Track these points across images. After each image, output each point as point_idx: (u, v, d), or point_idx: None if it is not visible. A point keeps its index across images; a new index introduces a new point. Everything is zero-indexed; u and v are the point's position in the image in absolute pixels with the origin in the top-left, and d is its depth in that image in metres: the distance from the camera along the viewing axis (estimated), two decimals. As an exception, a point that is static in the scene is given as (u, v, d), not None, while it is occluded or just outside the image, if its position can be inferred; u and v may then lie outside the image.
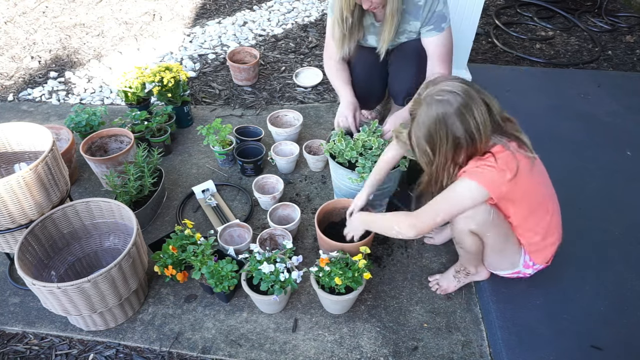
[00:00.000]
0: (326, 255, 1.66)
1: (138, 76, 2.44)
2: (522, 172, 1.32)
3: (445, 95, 1.28)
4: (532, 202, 1.45)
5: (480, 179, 1.33)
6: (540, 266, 1.60)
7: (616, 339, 1.55)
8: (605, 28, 3.60)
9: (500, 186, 1.33)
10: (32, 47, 3.40)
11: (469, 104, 1.27)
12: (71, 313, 1.55)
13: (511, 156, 1.31)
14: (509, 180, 1.31)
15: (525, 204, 1.44)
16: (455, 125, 1.27)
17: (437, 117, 1.28)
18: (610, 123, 2.52)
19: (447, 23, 1.90)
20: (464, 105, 1.26)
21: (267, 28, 3.59)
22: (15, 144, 1.81)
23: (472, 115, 1.27)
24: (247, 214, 2.12)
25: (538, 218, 1.49)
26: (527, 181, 1.37)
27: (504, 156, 1.32)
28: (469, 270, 1.71)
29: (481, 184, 1.33)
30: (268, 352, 1.62)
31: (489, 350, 1.63)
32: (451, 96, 1.27)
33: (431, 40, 1.92)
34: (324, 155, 2.22)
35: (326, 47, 2.13)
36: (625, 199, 2.06)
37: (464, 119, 1.27)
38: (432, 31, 1.90)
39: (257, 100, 2.85)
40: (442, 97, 1.28)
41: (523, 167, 1.33)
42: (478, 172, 1.33)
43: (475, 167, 1.34)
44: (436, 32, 1.90)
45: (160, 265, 1.72)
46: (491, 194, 1.35)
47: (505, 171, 1.31)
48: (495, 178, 1.32)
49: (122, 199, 1.95)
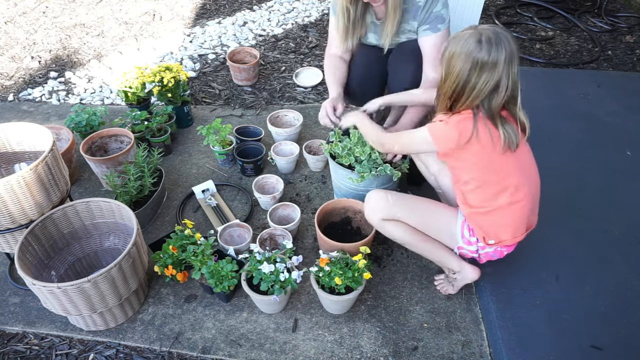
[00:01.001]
0: (326, 255, 1.66)
1: (138, 76, 2.44)
2: (480, 141, 1.39)
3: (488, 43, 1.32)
4: (487, 174, 1.47)
5: (432, 131, 1.46)
6: (487, 248, 1.56)
7: (616, 339, 1.55)
8: (605, 28, 3.60)
9: (446, 142, 1.44)
10: (32, 47, 3.40)
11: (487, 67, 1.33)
12: (71, 313, 1.55)
13: (469, 121, 1.39)
14: (456, 140, 1.40)
15: (477, 173, 1.48)
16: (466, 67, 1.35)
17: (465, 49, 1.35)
18: (610, 123, 2.52)
19: (445, 25, 1.90)
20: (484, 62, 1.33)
21: (267, 28, 3.59)
22: (15, 144, 1.81)
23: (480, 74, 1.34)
24: (247, 214, 2.12)
25: (490, 193, 1.49)
26: (485, 152, 1.41)
27: (462, 118, 1.40)
28: (451, 267, 1.70)
29: (429, 132, 1.46)
30: (268, 352, 1.62)
31: (489, 350, 1.63)
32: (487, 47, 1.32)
33: (425, 40, 1.92)
34: (324, 155, 2.22)
35: (329, 43, 2.15)
36: (625, 199, 2.06)
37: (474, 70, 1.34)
38: (427, 31, 1.90)
39: (257, 100, 2.85)
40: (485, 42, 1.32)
41: (482, 136, 1.38)
42: (432, 124, 1.48)
43: (435, 119, 1.48)
44: (431, 32, 1.89)
45: (160, 265, 1.72)
46: (436, 145, 1.46)
47: (453, 129, 1.41)
48: (442, 134, 1.44)
49: (122, 199, 1.95)
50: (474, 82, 1.35)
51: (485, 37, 1.32)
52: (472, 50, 1.33)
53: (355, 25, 1.94)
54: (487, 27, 1.36)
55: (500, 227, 1.53)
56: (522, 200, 1.49)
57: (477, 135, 1.38)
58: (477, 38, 1.33)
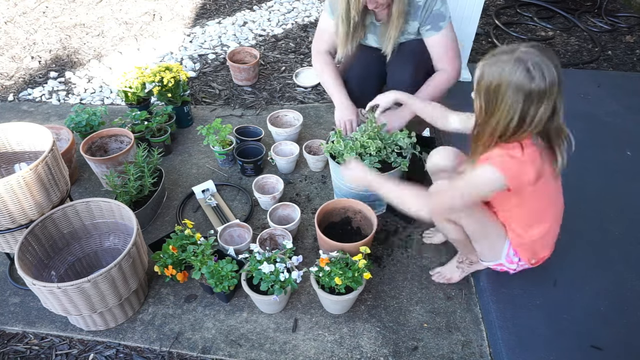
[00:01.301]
0: (326, 255, 1.66)
1: (138, 76, 2.44)
2: (546, 172, 1.30)
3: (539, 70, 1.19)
4: (538, 203, 1.44)
5: (502, 166, 1.28)
6: (525, 265, 1.58)
7: (616, 339, 1.55)
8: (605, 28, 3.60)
9: (520, 177, 1.29)
10: (32, 47, 3.40)
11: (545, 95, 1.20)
12: (71, 313, 1.55)
13: (537, 153, 1.27)
14: (532, 175, 1.28)
15: (531, 203, 1.42)
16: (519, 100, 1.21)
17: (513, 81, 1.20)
18: (610, 123, 2.52)
19: (446, 22, 1.90)
20: (542, 92, 1.20)
21: (267, 28, 3.59)
22: (15, 144, 1.81)
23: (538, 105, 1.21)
24: (247, 214, 2.12)
25: (536, 220, 1.48)
26: (547, 181, 1.35)
27: (530, 151, 1.27)
28: (472, 259, 1.72)
29: (502, 172, 1.28)
30: (268, 352, 1.62)
31: (489, 350, 1.63)
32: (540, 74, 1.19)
33: (430, 41, 1.93)
34: (324, 155, 2.22)
35: (316, 40, 2.13)
36: (625, 199, 2.06)
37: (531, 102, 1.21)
38: (431, 31, 1.90)
39: (257, 100, 2.85)
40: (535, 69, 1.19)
41: (547, 167, 1.30)
42: (500, 161, 1.28)
43: (499, 155, 1.29)
44: (434, 31, 1.90)
45: (160, 265, 1.72)
46: (509, 183, 1.29)
47: (528, 164, 1.27)
48: (516, 168, 1.27)
49: (122, 199, 1.95)
50: (533, 114, 1.22)
51: (533, 64, 1.18)
52: (523, 82, 1.18)
53: (357, 29, 1.93)
54: (527, 50, 1.21)
55: (545, 248, 1.56)
56: (559, 217, 1.52)
57: (544, 166, 1.29)
58: (525, 67, 1.18)
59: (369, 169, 1.61)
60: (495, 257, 1.58)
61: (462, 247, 1.67)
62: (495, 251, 1.56)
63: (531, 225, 1.48)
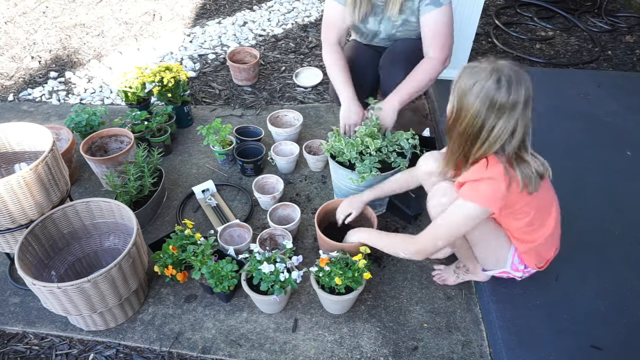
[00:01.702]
0: (326, 255, 1.66)
1: (138, 76, 2.44)
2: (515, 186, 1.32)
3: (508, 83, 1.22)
4: (532, 210, 1.43)
5: (479, 199, 1.32)
6: (532, 270, 1.59)
7: (616, 339, 1.55)
8: (605, 28, 3.60)
9: (498, 200, 1.32)
10: (32, 47, 3.40)
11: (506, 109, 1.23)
12: (71, 313, 1.55)
13: (502, 168, 1.30)
14: (504, 191, 1.30)
15: (525, 212, 1.42)
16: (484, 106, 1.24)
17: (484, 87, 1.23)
18: (610, 123, 2.52)
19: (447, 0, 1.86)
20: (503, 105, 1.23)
21: (267, 28, 3.59)
22: (15, 144, 1.81)
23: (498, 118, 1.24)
24: (247, 214, 2.12)
25: (539, 224, 1.48)
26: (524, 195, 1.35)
27: (496, 168, 1.31)
28: (468, 267, 1.72)
29: (481, 204, 1.33)
30: (268, 352, 1.62)
31: (489, 350, 1.63)
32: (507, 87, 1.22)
33: (428, 17, 1.86)
34: (324, 155, 2.22)
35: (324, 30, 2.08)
36: (625, 199, 2.06)
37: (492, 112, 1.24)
38: (430, 5, 1.84)
39: (257, 100, 2.85)
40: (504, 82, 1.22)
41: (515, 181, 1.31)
42: (474, 192, 1.33)
43: (471, 189, 1.34)
44: (434, 6, 1.84)
45: (160, 265, 1.72)
46: (492, 209, 1.34)
47: (499, 182, 1.30)
48: (490, 192, 1.31)
49: (122, 199, 1.95)
50: (491, 124, 1.25)
51: (506, 77, 1.22)
52: (490, 90, 1.22)
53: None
54: (507, 64, 1.25)
55: (550, 249, 1.56)
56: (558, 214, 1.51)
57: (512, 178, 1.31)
58: (497, 77, 1.22)
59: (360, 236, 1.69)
60: (500, 265, 1.58)
61: (463, 257, 1.68)
62: (499, 260, 1.57)
63: (534, 230, 1.48)
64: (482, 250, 1.57)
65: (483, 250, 1.57)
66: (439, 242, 1.42)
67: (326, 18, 2.06)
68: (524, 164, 1.32)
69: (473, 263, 1.68)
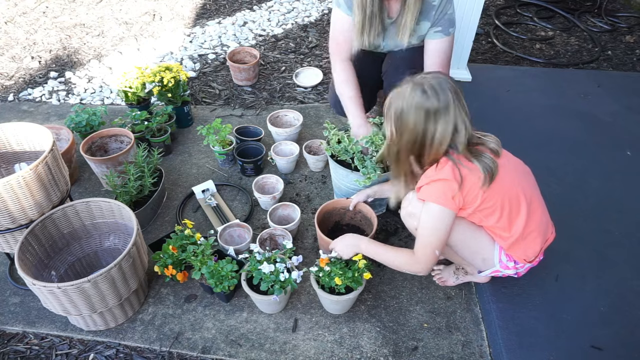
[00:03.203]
0: (326, 255, 1.66)
1: (138, 76, 2.44)
2: (472, 183, 1.36)
3: (434, 91, 1.33)
4: (500, 201, 1.41)
5: (437, 200, 1.38)
6: (526, 264, 1.55)
7: (616, 339, 1.55)
8: (605, 28, 3.60)
9: (450, 199, 1.37)
10: (32, 47, 3.40)
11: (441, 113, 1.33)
12: (71, 313, 1.55)
13: (453, 167, 1.36)
14: (457, 190, 1.36)
15: (489, 209, 1.42)
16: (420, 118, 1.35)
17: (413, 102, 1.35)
18: (610, 123, 2.52)
19: (454, 29, 1.87)
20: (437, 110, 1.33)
21: (267, 28, 3.59)
22: (15, 144, 1.81)
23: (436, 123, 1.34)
24: (247, 214, 2.12)
25: (510, 218, 1.44)
26: (480, 188, 1.37)
27: (445, 169, 1.37)
28: (467, 270, 1.72)
29: (440, 204, 1.38)
30: (268, 352, 1.62)
31: (489, 350, 1.63)
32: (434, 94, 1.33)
33: (435, 43, 1.88)
34: (324, 155, 2.22)
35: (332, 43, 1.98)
36: (625, 199, 2.06)
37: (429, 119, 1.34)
38: (440, 33, 1.85)
39: (257, 100, 2.85)
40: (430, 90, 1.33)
41: (470, 178, 1.36)
42: (430, 194, 1.40)
43: (424, 189, 1.41)
44: (443, 34, 1.85)
45: (160, 265, 1.72)
46: (450, 208, 1.39)
47: (450, 181, 1.36)
48: (442, 192, 1.37)
49: (122, 199, 1.95)
50: (432, 130, 1.35)
51: (428, 86, 1.33)
52: (421, 101, 1.33)
53: (372, 21, 1.82)
54: (423, 75, 1.38)
55: (534, 243, 1.50)
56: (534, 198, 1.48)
57: (463, 176, 1.36)
58: (421, 89, 1.33)
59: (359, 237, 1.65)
60: (489, 265, 1.56)
61: (456, 261, 1.70)
62: (486, 259, 1.55)
63: (509, 222, 1.45)
64: (465, 253, 1.57)
65: (466, 252, 1.57)
66: (436, 251, 1.45)
67: (336, 31, 1.96)
68: (479, 154, 1.38)
69: (469, 265, 1.68)
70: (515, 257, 1.51)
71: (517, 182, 1.46)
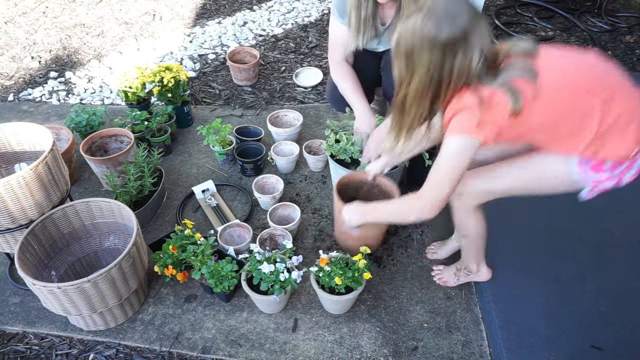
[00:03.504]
0: (326, 255, 1.66)
1: (138, 76, 2.44)
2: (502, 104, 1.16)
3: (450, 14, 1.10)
4: (550, 116, 1.22)
5: (462, 130, 1.20)
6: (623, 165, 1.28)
7: (616, 339, 1.55)
8: (605, 28, 3.60)
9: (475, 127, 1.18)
10: (32, 47, 3.40)
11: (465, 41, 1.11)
12: (71, 313, 1.55)
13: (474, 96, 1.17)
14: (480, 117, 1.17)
15: (539, 123, 1.22)
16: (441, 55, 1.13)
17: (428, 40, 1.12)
18: (610, 123, 2.52)
19: None
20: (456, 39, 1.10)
21: (267, 28, 3.59)
22: (15, 144, 1.81)
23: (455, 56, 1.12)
24: (247, 214, 2.12)
25: (576, 122, 1.23)
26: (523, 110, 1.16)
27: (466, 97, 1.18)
28: (470, 269, 1.71)
29: (468, 134, 1.20)
30: (268, 352, 1.62)
31: (489, 350, 1.63)
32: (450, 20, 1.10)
33: None
34: (324, 155, 2.22)
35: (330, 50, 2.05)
36: (625, 198, 2.06)
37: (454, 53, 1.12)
38: None
39: (257, 100, 2.85)
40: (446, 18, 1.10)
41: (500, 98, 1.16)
42: (455, 125, 1.21)
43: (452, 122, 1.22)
44: None
45: (160, 265, 1.72)
46: (478, 138, 1.19)
47: (474, 109, 1.17)
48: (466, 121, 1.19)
49: (122, 199, 1.95)
50: (450, 66, 1.13)
51: (441, 11, 1.10)
52: (434, 34, 1.10)
53: (366, 24, 1.86)
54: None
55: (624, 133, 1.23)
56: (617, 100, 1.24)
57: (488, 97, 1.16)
58: (433, 18, 1.10)
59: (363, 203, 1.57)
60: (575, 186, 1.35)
61: (472, 248, 1.63)
62: (570, 182, 1.34)
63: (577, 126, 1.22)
64: (546, 186, 1.36)
65: (546, 186, 1.36)
66: (445, 189, 1.28)
67: (331, 39, 2.03)
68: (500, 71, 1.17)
69: (477, 263, 1.68)
70: (605, 158, 1.26)
71: (570, 80, 1.23)
